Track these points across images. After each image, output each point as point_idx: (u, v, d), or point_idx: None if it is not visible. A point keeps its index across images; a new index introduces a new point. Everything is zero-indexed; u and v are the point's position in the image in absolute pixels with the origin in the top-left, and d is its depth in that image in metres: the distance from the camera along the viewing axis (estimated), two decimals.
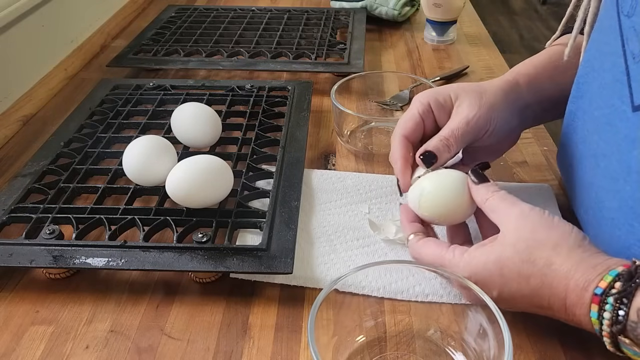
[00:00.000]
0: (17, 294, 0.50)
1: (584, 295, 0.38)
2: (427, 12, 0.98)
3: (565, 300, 0.39)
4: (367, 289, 0.47)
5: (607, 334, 0.37)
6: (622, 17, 0.42)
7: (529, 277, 0.40)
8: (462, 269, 0.43)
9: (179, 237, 0.52)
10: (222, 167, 0.54)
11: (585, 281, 0.38)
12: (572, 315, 0.39)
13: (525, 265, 0.40)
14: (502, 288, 0.41)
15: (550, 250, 0.40)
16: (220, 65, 0.85)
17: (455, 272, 0.43)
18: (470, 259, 0.43)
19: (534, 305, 0.42)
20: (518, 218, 0.42)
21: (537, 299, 0.41)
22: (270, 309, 0.48)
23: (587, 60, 0.50)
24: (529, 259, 0.40)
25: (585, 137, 0.49)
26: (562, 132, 0.55)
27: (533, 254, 0.40)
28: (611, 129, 0.44)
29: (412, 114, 0.53)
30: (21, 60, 0.79)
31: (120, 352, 0.45)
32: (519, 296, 0.41)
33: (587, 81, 0.49)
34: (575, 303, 0.39)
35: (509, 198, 0.45)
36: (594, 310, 0.37)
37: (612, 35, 0.44)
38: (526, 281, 0.40)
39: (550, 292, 0.40)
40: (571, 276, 0.39)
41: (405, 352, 0.44)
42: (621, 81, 0.42)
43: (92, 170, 0.62)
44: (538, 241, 0.41)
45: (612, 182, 0.44)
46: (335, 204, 0.58)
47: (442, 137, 0.51)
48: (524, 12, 3.84)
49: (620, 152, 0.43)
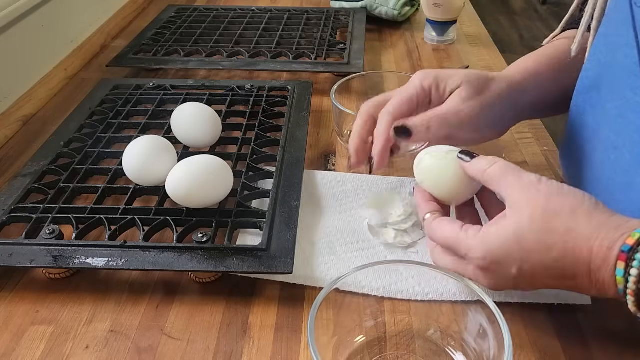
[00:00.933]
0: (17, 294, 0.50)
1: (610, 255, 0.37)
2: (427, 12, 0.98)
3: (589, 264, 0.38)
4: (367, 289, 0.47)
5: (633, 291, 0.36)
6: (636, 9, 0.43)
7: (550, 247, 0.38)
8: (477, 247, 0.41)
9: (179, 237, 0.52)
10: (222, 167, 0.54)
11: (610, 241, 0.37)
12: (595, 281, 0.38)
13: (545, 235, 0.39)
14: (523, 263, 0.39)
15: (568, 217, 0.39)
16: (220, 65, 0.85)
17: (471, 252, 0.41)
18: (485, 236, 0.41)
19: (557, 277, 0.39)
20: (528, 188, 0.41)
21: (560, 270, 0.39)
22: (270, 309, 0.48)
23: (594, 55, 0.50)
24: (548, 228, 0.39)
25: (594, 130, 0.49)
26: (567, 128, 0.55)
27: (551, 223, 0.39)
28: (623, 121, 0.44)
29: (409, 97, 0.52)
30: (21, 60, 0.79)
31: (120, 352, 0.45)
32: (541, 269, 0.39)
33: (595, 75, 0.49)
34: (600, 266, 0.37)
35: (510, 167, 0.43)
36: (620, 268, 0.36)
37: (623, 28, 0.44)
38: (548, 251, 0.39)
39: (573, 259, 0.38)
40: (595, 238, 0.37)
41: (405, 352, 0.44)
42: (634, 73, 0.42)
43: (92, 170, 0.62)
44: (554, 209, 0.39)
45: (623, 175, 0.44)
46: (335, 210, 0.58)
47: (426, 117, 0.50)
48: (524, 12, 3.84)
49: (632, 144, 0.43)
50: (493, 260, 0.40)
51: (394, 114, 0.51)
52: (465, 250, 0.42)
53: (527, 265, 0.39)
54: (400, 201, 0.58)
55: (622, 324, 0.46)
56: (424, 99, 0.52)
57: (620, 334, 0.46)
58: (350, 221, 0.57)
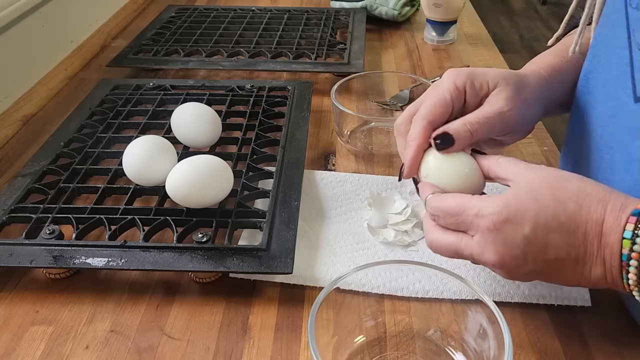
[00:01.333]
0: (17, 294, 0.50)
1: (621, 217, 0.37)
2: (427, 12, 0.98)
3: (602, 225, 0.37)
4: (367, 287, 0.47)
5: (637, 254, 0.36)
6: (630, 10, 0.43)
7: (565, 201, 0.38)
8: (492, 204, 0.39)
9: (179, 237, 0.52)
10: (222, 167, 0.54)
11: (621, 204, 0.37)
12: (604, 246, 0.38)
13: (559, 192, 0.39)
14: (537, 217, 0.38)
15: (579, 181, 0.39)
16: (220, 65, 0.85)
17: (484, 209, 0.40)
18: (497, 197, 0.40)
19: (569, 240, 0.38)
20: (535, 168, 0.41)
21: (573, 227, 0.38)
22: (270, 309, 0.48)
23: (593, 55, 0.50)
24: (561, 187, 0.39)
25: (590, 131, 0.49)
26: (567, 129, 0.55)
27: (564, 185, 0.39)
28: (616, 121, 0.44)
29: (443, 98, 0.47)
30: (21, 60, 0.79)
31: (120, 352, 0.45)
32: (555, 225, 0.38)
33: (594, 76, 0.49)
34: (611, 227, 0.37)
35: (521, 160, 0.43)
36: (628, 230, 0.36)
37: (618, 29, 0.44)
38: (563, 205, 0.38)
39: (587, 216, 0.38)
40: (607, 199, 0.38)
41: (405, 352, 0.44)
42: (625, 73, 0.43)
43: (92, 170, 0.62)
44: (564, 177, 0.40)
45: (616, 174, 0.44)
46: (335, 212, 0.58)
47: (468, 121, 0.46)
48: (524, 12, 3.84)
49: (621, 143, 0.43)
50: (508, 216, 0.39)
51: (428, 118, 0.47)
52: (476, 210, 0.40)
53: (542, 219, 0.38)
54: (400, 202, 0.58)
55: (622, 324, 0.46)
56: (458, 100, 0.47)
57: (620, 334, 0.46)
58: (350, 221, 0.57)
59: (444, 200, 0.43)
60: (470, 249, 0.41)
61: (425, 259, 0.52)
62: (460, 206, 0.41)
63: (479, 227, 0.40)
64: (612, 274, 0.38)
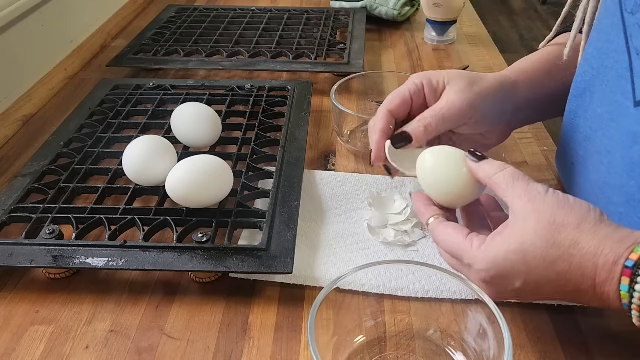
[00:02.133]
0: (17, 294, 0.50)
1: (614, 269, 0.37)
2: (427, 12, 0.98)
3: (594, 279, 0.37)
4: (367, 286, 0.47)
5: (638, 307, 0.36)
6: (626, 15, 0.43)
7: (555, 261, 0.38)
8: (482, 261, 0.40)
9: (179, 237, 0.52)
10: (222, 167, 0.54)
11: (615, 256, 0.37)
12: (600, 294, 0.38)
13: (550, 250, 0.38)
14: (527, 277, 0.39)
15: (574, 231, 0.38)
16: (220, 65, 0.85)
17: (475, 264, 0.41)
18: (489, 250, 0.40)
19: (561, 291, 0.39)
20: (534, 198, 0.40)
21: (564, 283, 0.39)
22: (270, 309, 0.48)
23: (586, 60, 0.50)
24: (554, 243, 0.38)
25: (587, 134, 0.49)
26: (562, 132, 0.55)
27: (557, 237, 0.38)
28: (615, 125, 0.44)
29: (401, 92, 0.53)
30: (21, 60, 0.79)
31: (120, 352, 0.45)
32: (545, 282, 0.39)
33: (587, 80, 0.49)
34: (604, 280, 0.37)
35: (519, 176, 0.42)
36: (624, 283, 0.36)
37: (614, 33, 0.44)
38: (552, 266, 0.38)
39: (579, 273, 0.38)
40: (600, 253, 0.37)
41: (405, 352, 0.44)
42: (624, 77, 0.43)
43: (92, 170, 0.62)
44: (560, 223, 0.39)
45: (616, 178, 0.44)
46: (335, 212, 0.58)
47: (423, 117, 0.51)
48: (524, 12, 3.84)
49: (623, 147, 0.43)
50: (497, 273, 0.40)
51: (387, 107, 0.52)
52: (469, 261, 0.41)
53: (532, 278, 0.39)
54: (400, 202, 0.58)
55: (622, 324, 0.46)
56: (417, 96, 0.53)
57: (620, 335, 0.46)
58: (350, 221, 0.57)
59: (442, 237, 0.44)
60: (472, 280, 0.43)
61: (425, 259, 0.52)
62: (457, 248, 0.43)
63: (471, 276, 0.43)
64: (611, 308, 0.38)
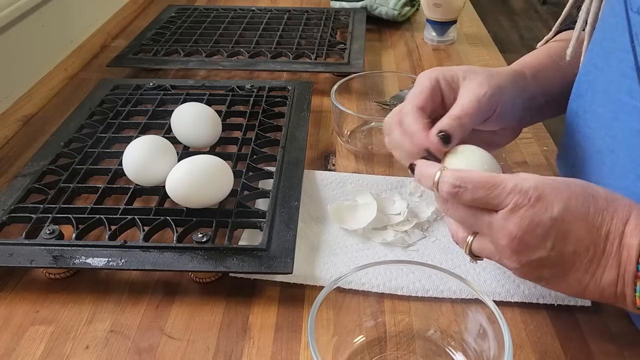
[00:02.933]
0: (17, 294, 0.50)
1: None
2: (427, 12, 0.98)
3: (625, 225, 0.38)
4: (367, 285, 0.47)
5: None
6: (631, 14, 0.43)
7: (596, 196, 0.39)
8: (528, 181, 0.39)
9: (179, 237, 0.52)
10: (222, 167, 0.54)
11: None
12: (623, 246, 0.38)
13: (590, 188, 0.40)
14: (568, 201, 0.39)
15: (606, 190, 0.40)
16: (220, 65, 0.85)
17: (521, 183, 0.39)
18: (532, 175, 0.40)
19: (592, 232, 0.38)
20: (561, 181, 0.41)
21: (599, 220, 0.38)
22: (270, 309, 0.48)
23: (589, 59, 0.50)
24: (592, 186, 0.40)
25: (588, 134, 0.49)
26: (564, 132, 0.55)
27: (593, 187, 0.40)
28: (619, 124, 0.44)
29: (422, 87, 0.49)
30: (21, 60, 0.79)
31: (120, 352, 0.45)
32: (583, 213, 0.38)
33: (590, 79, 0.49)
34: (633, 229, 0.38)
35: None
36: None
37: (618, 33, 0.44)
38: (593, 199, 0.39)
39: (614, 213, 0.38)
40: (634, 205, 0.39)
41: (405, 352, 0.44)
42: (629, 77, 0.43)
43: (92, 170, 0.62)
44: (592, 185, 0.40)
45: (621, 178, 0.44)
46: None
47: (454, 115, 0.47)
48: (524, 12, 3.84)
49: (629, 146, 0.43)
50: (544, 192, 0.38)
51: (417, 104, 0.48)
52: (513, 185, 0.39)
53: (573, 203, 0.39)
54: (400, 202, 0.58)
55: (621, 324, 0.46)
56: (435, 90, 0.49)
57: (620, 335, 0.46)
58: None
59: (472, 173, 0.41)
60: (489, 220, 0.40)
61: (425, 258, 0.52)
62: (493, 178, 0.40)
63: (512, 201, 0.39)
64: (624, 280, 0.38)
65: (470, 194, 0.40)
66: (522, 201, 0.39)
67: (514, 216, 0.39)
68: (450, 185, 0.41)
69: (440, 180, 0.42)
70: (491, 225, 0.40)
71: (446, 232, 0.55)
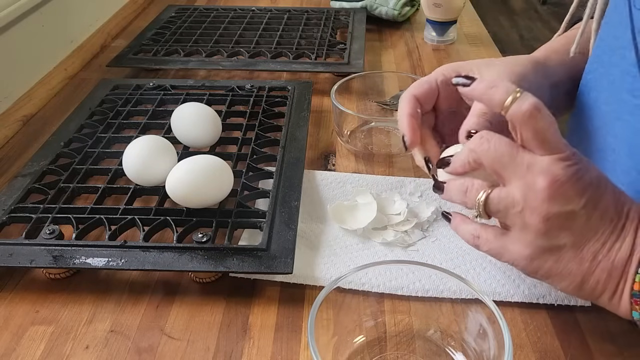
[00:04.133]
0: (17, 294, 0.50)
1: None
2: (427, 12, 0.98)
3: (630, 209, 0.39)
4: (367, 285, 0.47)
5: None
6: (634, 11, 0.43)
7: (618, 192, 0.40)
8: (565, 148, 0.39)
9: (179, 237, 0.52)
10: (222, 167, 0.54)
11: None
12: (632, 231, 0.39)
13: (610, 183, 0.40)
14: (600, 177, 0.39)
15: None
16: (220, 65, 0.85)
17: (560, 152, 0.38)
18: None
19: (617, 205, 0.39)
20: None
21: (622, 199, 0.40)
22: (270, 309, 0.48)
23: (595, 56, 0.50)
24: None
25: (590, 132, 0.49)
26: (567, 129, 0.55)
27: None
28: (621, 123, 0.44)
29: (429, 79, 0.50)
30: (21, 60, 0.79)
31: (120, 352, 0.45)
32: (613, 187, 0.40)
33: (595, 77, 0.49)
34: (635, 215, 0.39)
35: None
36: None
37: (621, 30, 0.44)
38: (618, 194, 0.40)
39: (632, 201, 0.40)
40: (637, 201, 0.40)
41: (405, 352, 0.44)
42: (631, 74, 0.42)
43: (92, 170, 0.62)
44: None
45: (623, 176, 0.44)
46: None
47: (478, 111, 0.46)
48: (524, 12, 3.84)
49: (631, 145, 0.43)
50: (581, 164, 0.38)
51: (413, 92, 0.49)
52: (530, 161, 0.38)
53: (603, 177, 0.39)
54: (400, 202, 0.58)
55: (621, 324, 0.46)
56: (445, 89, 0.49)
57: (619, 335, 0.46)
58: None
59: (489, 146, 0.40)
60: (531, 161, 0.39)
61: (425, 258, 0.52)
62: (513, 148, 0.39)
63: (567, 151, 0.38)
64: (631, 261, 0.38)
65: (543, 122, 0.38)
66: (573, 156, 0.38)
67: (563, 163, 0.38)
68: (533, 106, 0.38)
69: (521, 97, 0.38)
70: (532, 167, 0.38)
71: (446, 232, 0.55)
